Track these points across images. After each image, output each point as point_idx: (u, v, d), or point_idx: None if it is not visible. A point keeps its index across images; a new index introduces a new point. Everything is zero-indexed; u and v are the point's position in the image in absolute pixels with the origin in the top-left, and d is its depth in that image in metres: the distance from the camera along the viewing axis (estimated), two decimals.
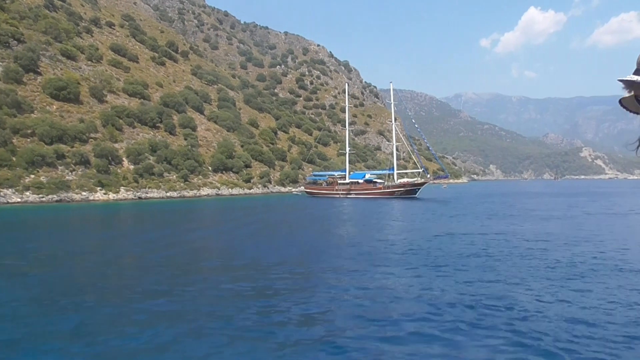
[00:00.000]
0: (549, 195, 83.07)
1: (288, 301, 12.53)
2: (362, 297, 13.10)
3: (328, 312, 11.66)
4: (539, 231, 28.09)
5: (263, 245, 23.66)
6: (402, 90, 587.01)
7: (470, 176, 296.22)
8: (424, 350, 9.17)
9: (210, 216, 44.78)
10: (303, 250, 21.97)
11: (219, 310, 11.73)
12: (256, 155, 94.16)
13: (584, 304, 12.11)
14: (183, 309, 11.91)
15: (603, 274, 15.59)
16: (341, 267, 17.34)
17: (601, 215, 40.60)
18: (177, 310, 11.79)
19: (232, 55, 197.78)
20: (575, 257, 18.76)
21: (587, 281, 14.61)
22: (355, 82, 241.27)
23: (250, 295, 13.28)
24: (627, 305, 12.01)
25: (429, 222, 35.15)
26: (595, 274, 15.68)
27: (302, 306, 12.09)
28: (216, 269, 17.70)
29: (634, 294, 13.04)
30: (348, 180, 79.62)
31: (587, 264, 17.29)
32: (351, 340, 9.69)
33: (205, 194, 72.76)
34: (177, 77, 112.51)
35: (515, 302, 12.21)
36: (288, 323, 10.74)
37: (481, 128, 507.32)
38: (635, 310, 11.60)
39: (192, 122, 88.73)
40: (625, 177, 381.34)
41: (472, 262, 18.05)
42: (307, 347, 9.38)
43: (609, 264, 17.41)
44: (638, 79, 1.72)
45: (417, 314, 11.40)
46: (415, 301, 12.58)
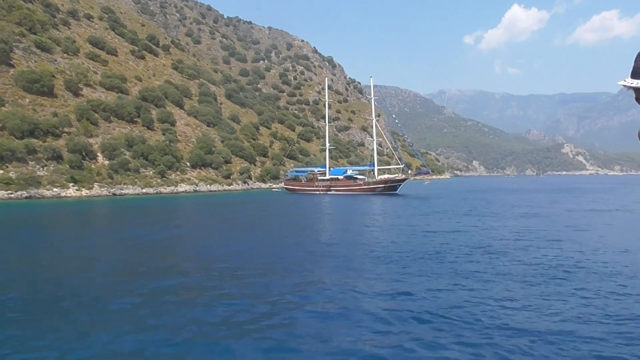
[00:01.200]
0: (531, 192, 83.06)
1: (238, 309, 11.66)
2: (323, 301, 12.28)
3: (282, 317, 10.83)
4: (517, 229, 27.51)
5: (225, 246, 22.74)
6: (386, 86, 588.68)
7: (453, 172, 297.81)
8: None
9: (180, 214, 43.61)
10: (266, 253, 21.10)
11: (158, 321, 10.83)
12: (236, 151, 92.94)
13: (556, 309, 11.42)
14: (121, 318, 10.99)
15: (579, 277, 14.95)
16: (301, 268, 16.51)
17: (582, 212, 40.26)
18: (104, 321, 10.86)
19: (215, 49, 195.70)
20: (551, 258, 18.15)
21: (560, 284, 13.94)
22: (339, 78, 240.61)
23: (196, 301, 12.39)
24: (602, 309, 11.34)
25: (405, 220, 34.48)
26: (570, 275, 15.03)
27: (261, 315, 11.23)
28: (165, 271, 16.74)
29: (611, 301, 12.39)
30: (328, 177, 78.87)
31: (563, 266, 16.65)
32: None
33: (183, 190, 71.47)
34: (157, 71, 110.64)
35: (483, 307, 11.48)
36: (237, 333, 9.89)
37: (464, 124, 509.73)
38: (611, 316, 10.94)
39: (171, 117, 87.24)
40: (605, 173, 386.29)
41: (443, 263, 17.32)
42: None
43: (585, 265, 16.80)
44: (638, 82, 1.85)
45: (379, 321, 10.62)
46: (379, 306, 11.80)
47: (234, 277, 15.13)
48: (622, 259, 17.83)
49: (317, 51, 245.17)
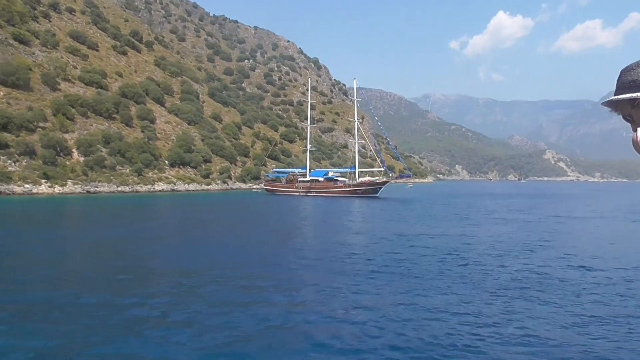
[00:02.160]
0: (511, 197, 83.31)
1: (191, 315, 11.00)
2: (284, 306, 11.68)
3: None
4: (492, 235, 27.16)
5: (186, 249, 22.03)
6: (371, 89, 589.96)
7: (436, 176, 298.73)
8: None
9: (151, 213, 42.68)
10: (233, 257, 20.43)
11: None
12: (217, 150, 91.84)
13: (519, 325, 10.94)
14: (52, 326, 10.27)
15: (546, 288, 14.53)
16: (264, 275, 15.89)
17: (559, 218, 40.14)
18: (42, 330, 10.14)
19: (200, 47, 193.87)
20: (523, 267, 17.73)
21: (527, 296, 13.49)
22: (324, 80, 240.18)
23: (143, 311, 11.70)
24: (565, 323, 10.89)
25: (381, 224, 34.02)
26: (537, 287, 14.61)
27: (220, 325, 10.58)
28: (109, 278, 16.00)
29: (578, 314, 11.94)
30: (308, 178, 78.15)
31: (530, 277, 16.24)
32: None
33: (160, 189, 70.28)
34: (139, 67, 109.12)
35: (443, 324, 10.96)
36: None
37: (448, 129, 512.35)
38: (578, 328, 10.49)
39: (151, 114, 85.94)
40: (586, 180, 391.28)
41: (412, 269, 16.82)
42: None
43: (558, 274, 16.41)
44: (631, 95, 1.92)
45: (342, 331, 10.06)
46: (343, 315, 11.23)
47: (179, 284, 14.45)
48: (589, 270, 17.47)
49: (302, 52, 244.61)
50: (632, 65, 2.13)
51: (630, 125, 2.14)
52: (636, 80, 2.06)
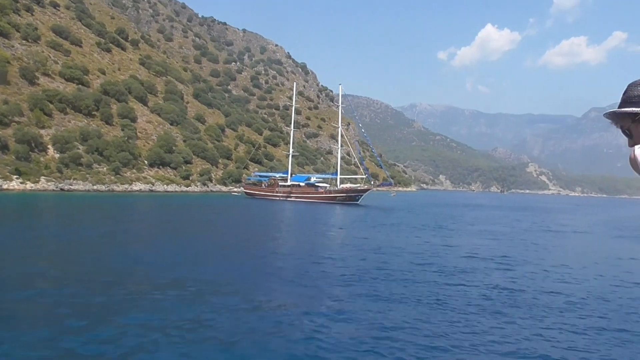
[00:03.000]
0: (493, 209, 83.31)
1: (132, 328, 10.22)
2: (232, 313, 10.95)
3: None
4: (470, 248, 26.66)
5: (145, 254, 21.19)
6: (358, 96, 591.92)
7: (420, 185, 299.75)
8: None
9: (121, 213, 41.56)
10: (189, 262, 19.64)
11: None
12: (198, 151, 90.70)
13: (488, 343, 10.34)
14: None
15: (516, 307, 13.97)
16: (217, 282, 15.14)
17: (538, 232, 39.88)
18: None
19: (187, 48, 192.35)
20: (494, 284, 17.19)
21: (496, 315, 12.91)
22: (311, 85, 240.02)
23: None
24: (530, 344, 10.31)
25: (356, 232, 33.40)
26: (508, 305, 14.05)
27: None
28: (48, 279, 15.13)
29: (546, 336, 11.37)
30: (289, 183, 77.38)
31: (506, 293, 15.69)
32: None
33: (138, 189, 69.00)
34: (123, 65, 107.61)
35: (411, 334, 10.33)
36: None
37: (433, 139, 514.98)
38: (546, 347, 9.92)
39: (132, 113, 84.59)
40: (567, 194, 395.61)
41: (376, 283, 16.17)
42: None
43: (528, 291, 15.88)
44: (633, 109, 2.02)
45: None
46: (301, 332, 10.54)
47: (137, 293, 13.65)
48: (560, 287, 16.98)
49: (290, 57, 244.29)
50: (639, 81, 2.17)
51: (628, 140, 2.18)
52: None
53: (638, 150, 2.06)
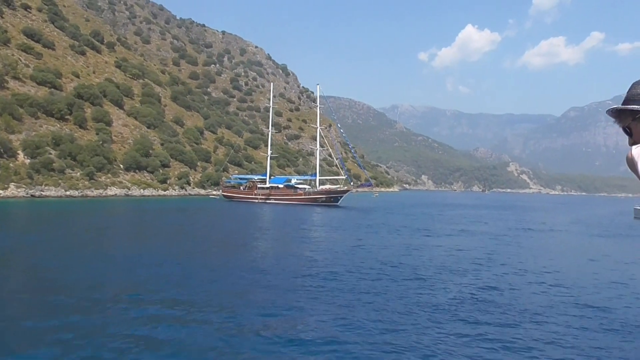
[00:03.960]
0: (473, 208, 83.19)
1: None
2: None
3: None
4: (446, 249, 25.98)
5: (97, 261, 20.10)
6: (340, 98, 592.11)
7: (402, 185, 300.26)
8: None
9: (88, 219, 40.19)
10: (149, 269, 18.61)
11: None
12: (176, 154, 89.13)
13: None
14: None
15: (490, 311, 13.21)
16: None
17: (517, 230, 39.44)
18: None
19: (165, 50, 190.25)
20: (468, 285, 16.44)
21: (467, 320, 12.12)
22: (292, 87, 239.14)
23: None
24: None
25: (333, 234, 32.57)
26: (481, 309, 13.28)
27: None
28: None
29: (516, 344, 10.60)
30: (268, 185, 76.26)
31: (481, 295, 14.94)
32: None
33: (113, 194, 67.31)
34: (98, 68, 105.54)
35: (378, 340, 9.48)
36: None
37: (415, 139, 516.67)
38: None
39: (107, 116, 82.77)
40: (547, 192, 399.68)
41: (349, 285, 15.32)
42: None
43: (505, 294, 15.15)
44: (634, 107, 2.10)
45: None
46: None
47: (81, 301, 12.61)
48: (534, 288, 16.29)
49: (271, 58, 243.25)
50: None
51: (628, 139, 2.21)
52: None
53: (635, 150, 2.07)
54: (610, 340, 10.72)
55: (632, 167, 2.06)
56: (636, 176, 2.07)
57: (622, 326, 11.79)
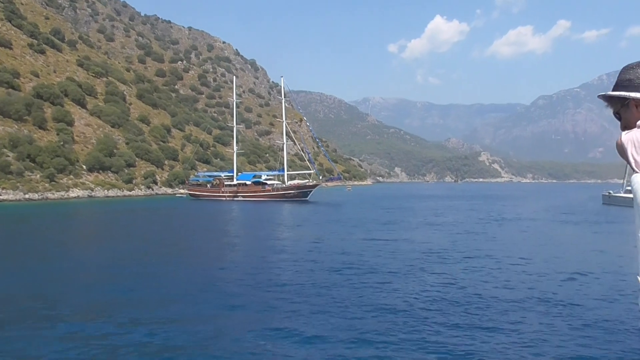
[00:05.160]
0: (444, 199, 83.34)
1: None
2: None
3: None
4: (411, 243, 25.41)
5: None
6: (311, 92, 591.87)
7: (375, 178, 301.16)
8: None
9: (33, 223, 38.63)
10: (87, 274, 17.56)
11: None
12: (142, 153, 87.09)
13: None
14: None
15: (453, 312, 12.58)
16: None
17: (486, 221, 39.23)
18: None
19: (130, 48, 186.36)
20: (433, 283, 15.82)
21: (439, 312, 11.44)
22: (262, 82, 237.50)
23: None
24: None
25: (294, 231, 31.79)
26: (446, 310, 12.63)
27: None
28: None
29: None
30: (235, 182, 74.96)
31: (440, 295, 14.31)
32: None
33: (75, 195, 65.29)
34: (59, 67, 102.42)
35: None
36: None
37: (387, 132, 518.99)
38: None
39: (68, 116, 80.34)
40: (519, 181, 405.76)
41: (309, 284, 14.55)
42: None
43: (471, 288, 14.56)
44: (621, 93, 2.15)
45: None
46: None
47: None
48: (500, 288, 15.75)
49: (239, 53, 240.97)
50: (633, 64, 2.20)
51: (620, 124, 2.23)
52: (632, 80, 2.14)
53: (625, 137, 2.08)
54: (573, 334, 10.16)
55: (622, 153, 2.07)
56: (626, 161, 2.08)
57: (584, 319, 11.25)
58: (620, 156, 2.11)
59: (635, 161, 2.02)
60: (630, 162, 2.05)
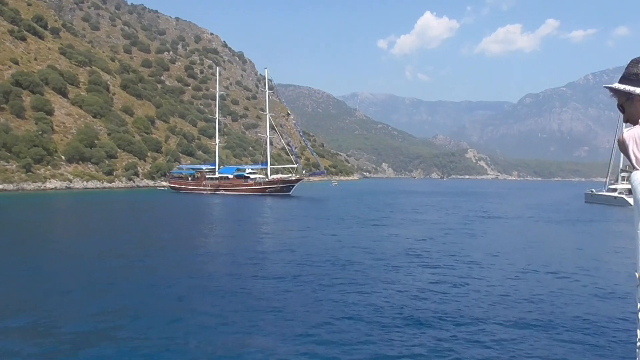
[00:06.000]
0: (430, 195, 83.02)
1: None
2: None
3: None
4: (394, 240, 24.82)
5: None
6: (300, 86, 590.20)
7: (362, 174, 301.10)
8: None
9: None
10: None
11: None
12: (124, 145, 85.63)
13: None
14: None
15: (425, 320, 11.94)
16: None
17: (469, 219, 38.75)
18: None
19: (115, 37, 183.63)
20: (414, 279, 15.17)
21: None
22: (249, 74, 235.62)
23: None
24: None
25: (274, 226, 31.03)
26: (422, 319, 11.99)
27: None
28: None
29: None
30: (217, 175, 73.82)
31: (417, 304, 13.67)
32: None
33: (53, 187, 63.88)
34: (41, 55, 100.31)
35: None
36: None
37: (375, 127, 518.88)
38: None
39: (48, 105, 78.65)
40: (504, 178, 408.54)
41: (281, 291, 13.84)
42: None
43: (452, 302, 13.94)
44: (627, 88, 2.17)
45: None
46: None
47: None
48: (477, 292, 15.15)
49: (227, 45, 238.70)
50: (639, 58, 2.20)
51: (622, 116, 2.25)
52: (639, 74, 2.14)
53: (627, 133, 2.08)
54: (545, 336, 9.57)
55: (623, 150, 2.07)
56: (627, 158, 2.09)
57: (560, 317, 10.68)
58: (621, 152, 2.09)
59: (636, 158, 2.03)
60: (631, 158, 2.05)
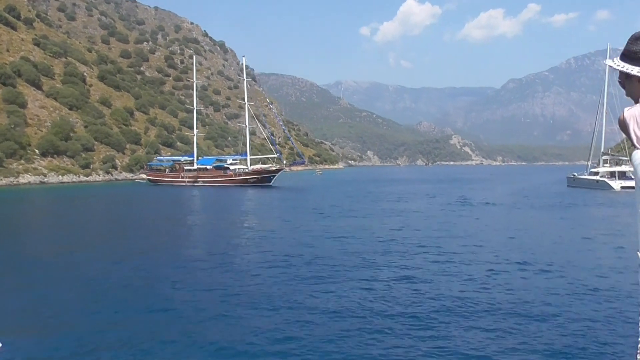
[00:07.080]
0: (414, 182, 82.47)
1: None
2: None
3: None
4: (373, 231, 23.98)
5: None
6: (283, 75, 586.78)
7: (347, 162, 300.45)
8: None
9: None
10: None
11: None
12: (102, 137, 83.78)
13: None
14: None
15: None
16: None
17: (452, 206, 38.08)
18: None
19: (92, 28, 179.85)
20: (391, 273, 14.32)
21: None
22: (231, 64, 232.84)
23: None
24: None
25: (249, 219, 30.07)
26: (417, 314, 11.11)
27: None
28: None
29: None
30: (196, 167, 72.49)
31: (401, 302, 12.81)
32: None
33: (26, 182, 62.16)
34: (13, 46, 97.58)
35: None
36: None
37: (359, 115, 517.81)
38: None
39: (20, 98, 76.53)
40: (489, 163, 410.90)
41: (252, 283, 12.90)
42: None
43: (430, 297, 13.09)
44: (625, 67, 2.16)
45: None
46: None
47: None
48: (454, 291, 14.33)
49: (207, 35, 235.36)
50: (638, 34, 2.18)
51: (625, 92, 2.25)
52: (638, 53, 2.12)
53: (627, 113, 2.08)
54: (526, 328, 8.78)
55: (624, 129, 2.07)
56: (627, 137, 2.09)
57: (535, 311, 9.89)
58: (621, 131, 2.09)
59: (637, 137, 2.02)
60: (632, 137, 2.04)
